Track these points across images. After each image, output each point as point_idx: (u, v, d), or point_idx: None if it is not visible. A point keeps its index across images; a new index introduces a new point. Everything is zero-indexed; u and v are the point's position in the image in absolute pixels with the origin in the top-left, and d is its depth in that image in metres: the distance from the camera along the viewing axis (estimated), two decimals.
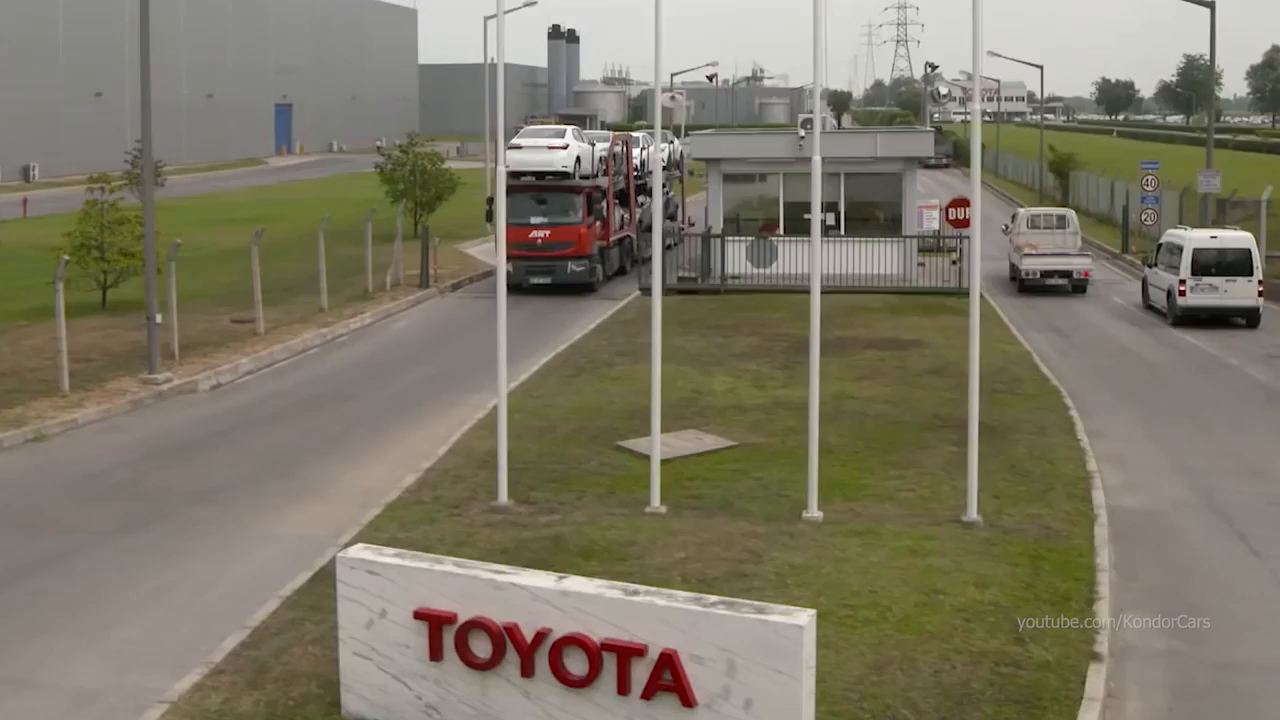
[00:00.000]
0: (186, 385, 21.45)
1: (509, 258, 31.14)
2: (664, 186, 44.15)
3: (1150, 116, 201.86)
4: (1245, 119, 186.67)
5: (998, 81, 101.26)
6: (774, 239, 32.94)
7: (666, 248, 38.84)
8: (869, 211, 34.26)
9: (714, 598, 8.14)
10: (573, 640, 8.07)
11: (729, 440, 17.00)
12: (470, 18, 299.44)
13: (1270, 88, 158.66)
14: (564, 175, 32.42)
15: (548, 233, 31.96)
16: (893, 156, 33.75)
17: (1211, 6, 33.60)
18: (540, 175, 32.53)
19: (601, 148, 35.96)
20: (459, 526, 13.43)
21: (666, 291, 32.21)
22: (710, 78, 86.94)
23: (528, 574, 8.61)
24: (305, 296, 29.51)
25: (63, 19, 77.29)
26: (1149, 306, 30.58)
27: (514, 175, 30.41)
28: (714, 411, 18.67)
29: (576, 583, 8.37)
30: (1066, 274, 33.33)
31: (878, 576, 11.87)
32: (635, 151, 39.87)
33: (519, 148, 32.56)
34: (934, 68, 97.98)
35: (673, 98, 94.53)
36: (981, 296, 31.08)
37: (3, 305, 28.85)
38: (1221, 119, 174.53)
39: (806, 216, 33.50)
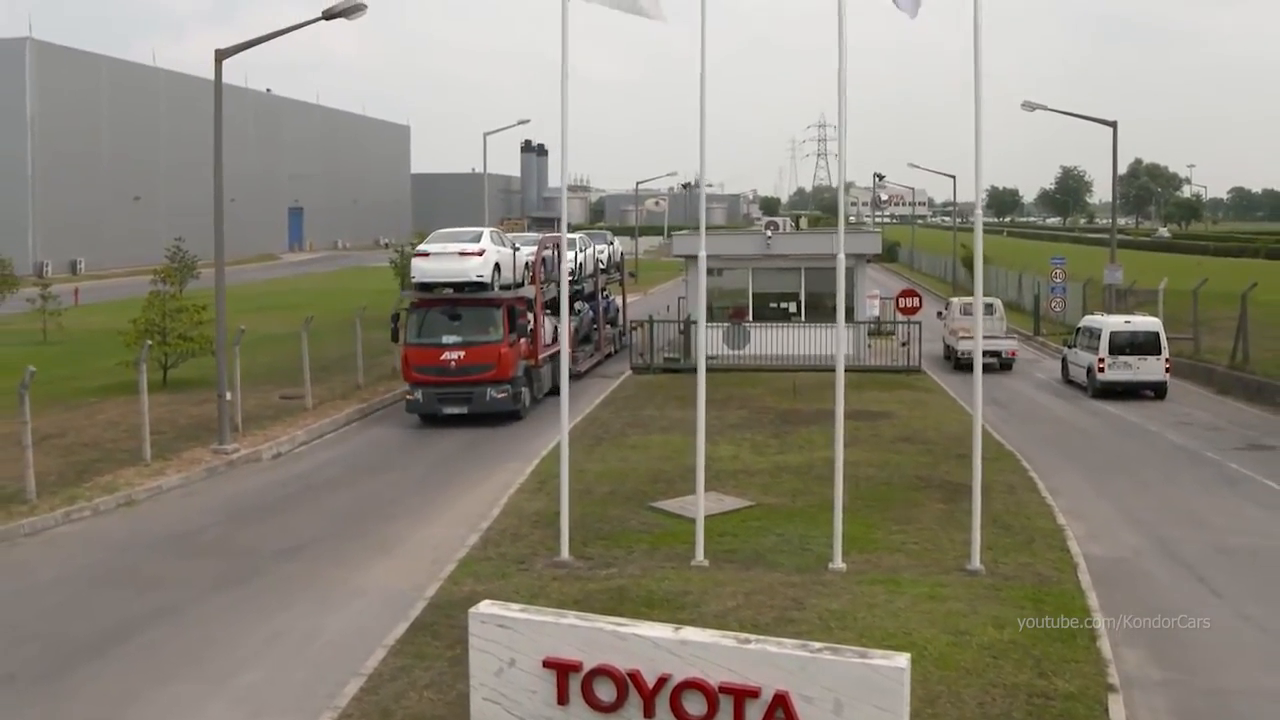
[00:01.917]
0: (252, 454, 21.04)
1: (416, 384, 24.03)
2: (603, 290, 36.75)
3: (1032, 219, 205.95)
4: (1109, 220, 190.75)
5: (912, 189, 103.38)
6: (745, 324, 33.02)
7: (606, 356, 34.31)
8: (825, 300, 34.44)
9: (818, 644, 7.95)
10: (692, 684, 7.85)
11: (746, 500, 16.84)
12: (453, 134, 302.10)
13: (1134, 194, 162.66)
14: (480, 285, 24.52)
15: (462, 353, 23.96)
16: (846, 253, 34.00)
17: (1114, 125, 34.46)
18: (460, 287, 24.56)
19: (528, 252, 27.97)
20: (529, 580, 13.15)
21: (652, 370, 32.42)
22: (685, 185, 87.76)
23: (647, 625, 8.39)
24: (341, 375, 29.14)
25: (106, 132, 76.98)
26: (1069, 381, 30.90)
27: (423, 286, 24.85)
28: (726, 475, 18.49)
29: (692, 632, 8.16)
30: (996, 354, 33.62)
31: (907, 620, 11.74)
32: (570, 255, 31.59)
33: (426, 254, 25.04)
34: (881, 178, 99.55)
35: (656, 203, 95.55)
36: (925, 372, 31.85)
37: (75, 383, 28.30)
38: (1093, 220, 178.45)
39: (773, 305, 34.34)
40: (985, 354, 33.18)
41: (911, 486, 17.85)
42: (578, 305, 32.79)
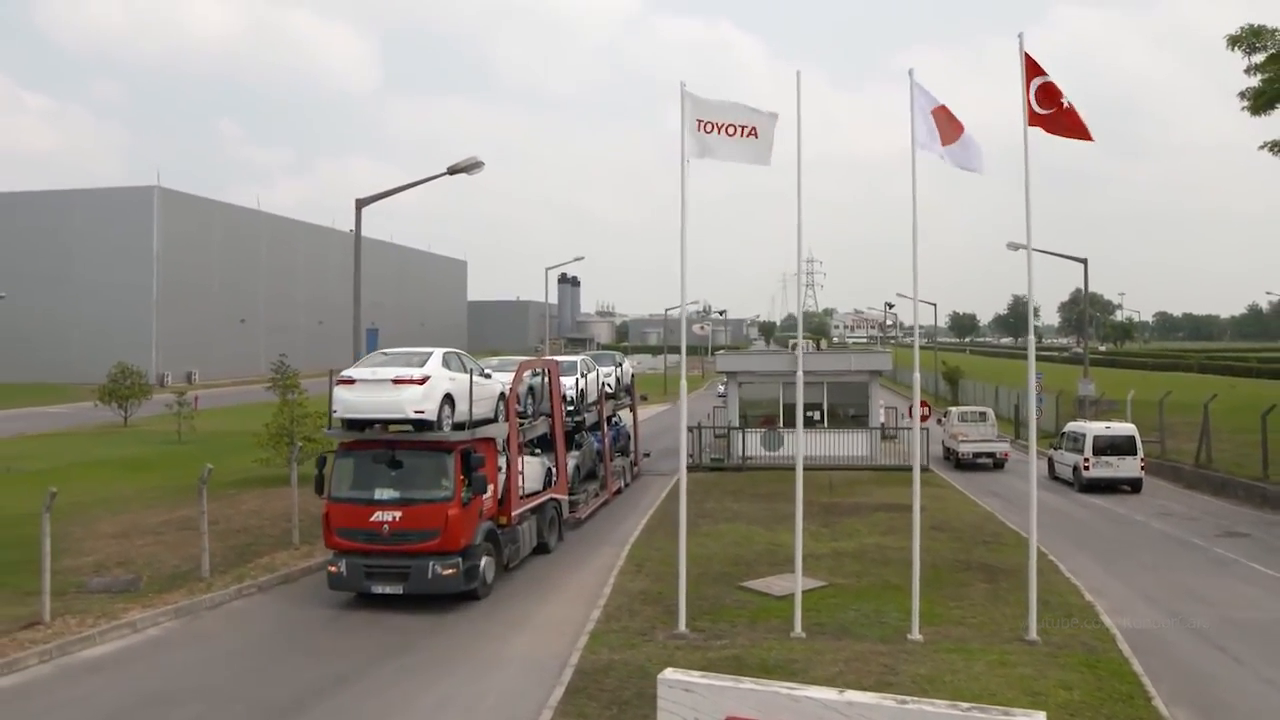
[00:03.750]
0: None
1: (341, 551, 15.95)
2: (611, 416, 29.28)
3: (988, 339, 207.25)
4: (1055, 340, 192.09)
5: (896, 314, 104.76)
6: (779, 430, 33.25)
7: (615, 493, 27.24)
8: (844, 409, 34.73)
9: (967, 704, 8.02)
10: None
11: (820, 581, 16.85)
12: (500, 266, 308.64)
13: (1074, 317, 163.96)
14: (424, 424, 15.88)
15: (398, 514, 15.71)
16: (862, 370, 34.48)
17: (1084, 262, 35.06)
18: (420, 426, 15.99)
19: (502, 379, 18.82)
20: (656, 649, 13.16)
21: (700, 469, 32.48)
22: (721, 312, 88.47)
23: (815, 689, 8.48)
24: None
25: (216, 265, 78.47)
26: (1055, 478, 30.91)
27: (351, 424, 16.41)
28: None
29: (856, 695, 8.24)
30: (991, 455, 33.76)
31: (988, 683, 11.74)
32: (568, 381, 23.93)
33: (351, 382, 16.24)
34: (891, 306, 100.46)
35: (701, 328, 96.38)
36: (933, 471, 31.89)
37: (214, 478, 28.27)
38: (1041, 340, 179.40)
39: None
40: (982, 455, 33.77)
41: (954, 569, 17.87)
42: (580, 438, 25.50)
